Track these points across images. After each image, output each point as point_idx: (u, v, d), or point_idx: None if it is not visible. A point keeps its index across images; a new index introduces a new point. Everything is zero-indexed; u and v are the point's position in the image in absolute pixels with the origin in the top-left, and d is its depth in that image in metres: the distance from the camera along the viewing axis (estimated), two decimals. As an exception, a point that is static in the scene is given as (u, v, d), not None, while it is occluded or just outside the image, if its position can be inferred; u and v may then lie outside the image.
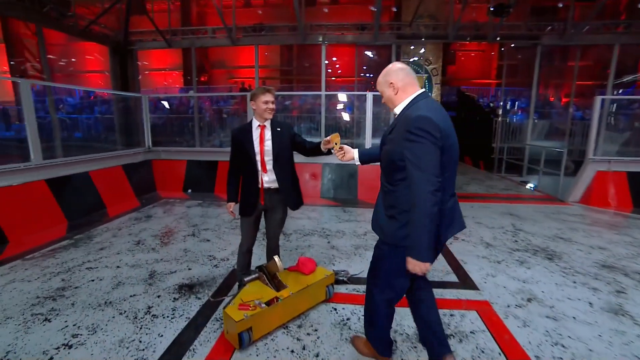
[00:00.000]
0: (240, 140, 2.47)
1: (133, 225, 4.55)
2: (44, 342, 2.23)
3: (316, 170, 6.33)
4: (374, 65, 10.63)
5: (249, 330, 2.14)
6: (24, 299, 2.76)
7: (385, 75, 1.71)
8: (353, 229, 4.46)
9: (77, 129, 9.49)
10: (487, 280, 3.07)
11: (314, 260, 2.77)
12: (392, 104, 1.73)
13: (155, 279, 3.07)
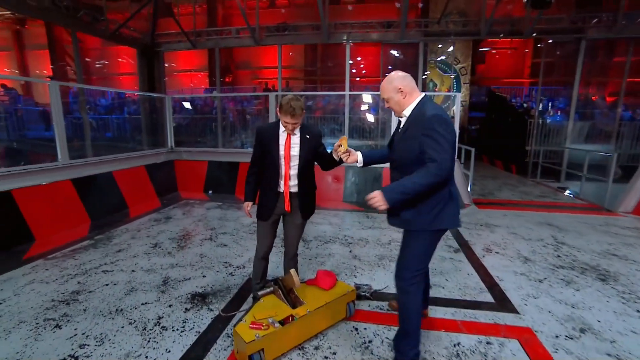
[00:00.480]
0: (266, 141, 2.32)
1: (152, 226, 4.50)
2: (51, 352, 2.13)
3: (339, 173, 6.08)
4: (400, 65, 10.25)
5: (260, 351, 1.94)
6: (40, 301, 2.71)
7: (391, 82, 1.89)
8: (377, 237, 4.18)
9: (107, 129, 9.76)
10: (528, 302, 2.71)
11: (334, 274, 2.54)
12: (400, 108, 1.92)
13: (169, 285, 2.94)
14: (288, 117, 2.16)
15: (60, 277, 3.10)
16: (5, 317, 2.51)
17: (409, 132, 1.86)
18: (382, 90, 1.94)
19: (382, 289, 2.90)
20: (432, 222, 1.83)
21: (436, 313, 2.55)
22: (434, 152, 1.70)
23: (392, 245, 3.90)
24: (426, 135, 1.73)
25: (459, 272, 3.26)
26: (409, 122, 1.87)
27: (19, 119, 9.23)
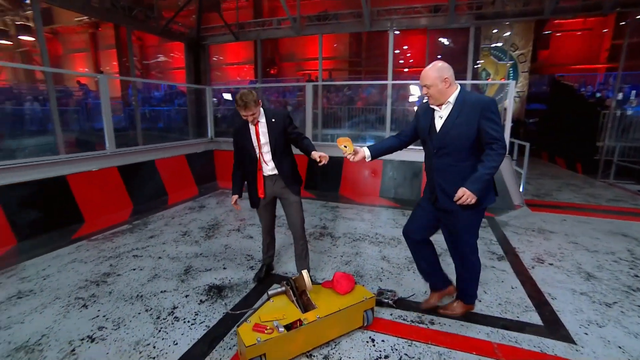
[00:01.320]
0: (239, 137, 2.60)
1: (186, 214, 4.62)
2: (74, 331, 2.21)
3: (376, 166, 5.77)
4: (448, 53, 9.46)
5: (262, 356, 1.80)
6: (76, 280, 2.86)
7: (438, 71, 1.97)
8: (397, 235, 3.84)
9: (159, 120, 10.37)
10: (589, 331, 2.24)
11: (352, 278, 2.31)
12: (443, 97, 2.00)
13: (189, 275, 2.94)
14: (242, 110, 2.37)
15: (97, 258, 3.26)
16: (45, 292, 2.68)
17: (460, 118, 1.97)
18: (426, 77, 2.00)
19: (408, 296, 2.61)
20: (491, 197, 2.06)
21: (467, 330, 2.22)
22: (495, 132, 1.89)
23: (426, 248, 3.55)
24: (486, 119, 1.90)
25: (501, 283, 2.84)
26: (459, 109, 1.98)
27: (88, 111, 10.18)
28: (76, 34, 15.43)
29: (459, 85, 2.01)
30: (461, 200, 1.87)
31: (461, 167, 2.00)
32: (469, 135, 1.94)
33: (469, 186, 1.86)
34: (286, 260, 3.27)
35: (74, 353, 2.01)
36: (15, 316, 2.37)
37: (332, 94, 9.85)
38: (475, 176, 1.88)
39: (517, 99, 9.96)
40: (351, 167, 5.87)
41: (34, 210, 3.80)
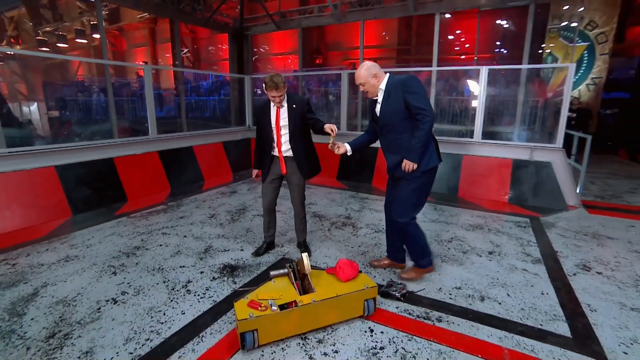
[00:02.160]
0: (259, 116, 2.85)
1: (217, 199, 4.92)
2: (102, 293, 2.52)
3: (410, 158, 5.58)
4: (503, 36, 8.66)
5: (254, 332, 1.90)
6: (111, 250, 3.24)
7: (368, 70, 2.37)
8: (437, 232, 3.71)
9: (206, 109, 11.06)
10: (630, 351, 1.99)
11: (356, 266, 2.32)
12: (375, 89, 2.42)
13: (208, 254, 3.16)
14: (273, 91, 2.57)
15: (132, 233, 3.64)
16: (87, 258, 3.08)
17: (391, 98, 2.35)
18: (359, 77, 2.39)
19: (417, 291, 2.54)
20: (427, 163, 2.35)
21: (477, 332, 2.11)
22: (418, 102, 2.23)
23: (452, 244, 3.40)
24: (408, 92, 2.26)
25: (530, 288, 2.63)
26: (388, 92, 2.37)
27: (143, 101, 11.22)
28: (137, 29, 16.96)
29: (387, 74, 2.41)
30: (406, 169, 2.33)
31: (402, 139, 2.37)
32: (400, 110, 2.32)
33: (407, 157, 2.31)
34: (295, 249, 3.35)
35: (99, 311, 2.30)
36: (61, 275, 2.76)
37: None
38: (410, 148, 2.30)
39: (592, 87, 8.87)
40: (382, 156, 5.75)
41: (87, 188, 4.35)
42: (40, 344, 1.99)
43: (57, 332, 2.09)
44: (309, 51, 15.66)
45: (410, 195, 2.42)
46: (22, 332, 2.10)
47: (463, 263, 3.01)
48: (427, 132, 2.23)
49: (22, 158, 3.88)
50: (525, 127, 7.30)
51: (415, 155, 2.27)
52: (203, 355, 1.90)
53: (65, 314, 2.27)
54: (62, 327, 2.14)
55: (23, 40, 18.23)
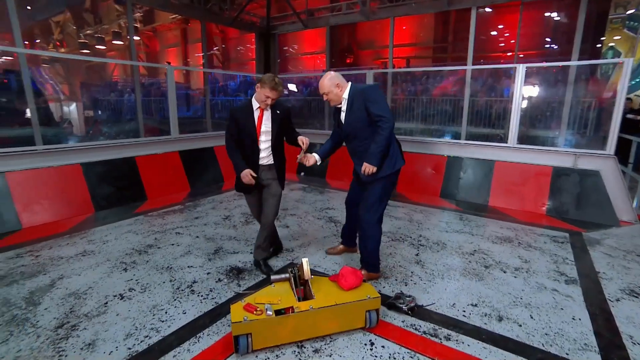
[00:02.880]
0: (241, 119, 2.69)
1: (234, 200, 5.08)
2: (111, 288, 2.70)
3: (440, 162, 5.45)
4: (553, 30, 8.18)
5: (248, 335, 1.95)
6: (125, 247, 3.45)
7: (331, 80, 2.59)
8: (459, 244, 3.59)
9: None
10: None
11: (360, 274, 2.31)
12: (338, 98, 2.64)
13: (217, 255, 3.28)
14: (272, 92, 2.54)
15: (147, 231, 3.86)
16: (102, 254, 3.30)
17: (354, 106, 2.58)
18: (323, 87, 2.60)
19: (427, 305, 2.48)
20: (392, 165, 2.59)
21: (489, 354, 2.01)
22: (378, 110, 2.46)
23: (474, 257, 3.27)
24: (368, 101, 2.48)
25: (559, 311, 2.47)
26: (351, 101, 2.59)
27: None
28: (170, 30, 17.92)
29: (349, 83, 2.63)
30: (365, 172, 2.52)
31: (365, 145, 2.58)
32: (362, 118, 2.53)
33: (367, 161, 2.51)
34: (313, 251, 3.38)
35: (106, 305, 2.46)
36: (76, 269, 2.99)
37: (406, 83, 9.53)
38: (369, 152, 2.50)
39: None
40: (411, 163, 5.65)
41: (109, 186, 4.67)
42: (49, 333, 2.17)
43: (65, 323, 2.27)
44: (339, 50, 15.72)
45: (379, 197, 2.64)
46: (35, 320, 2.30)
47: (483, 278, 2.89)
48: (386, 137, 2.46)
49: (52, 155, 4.25)
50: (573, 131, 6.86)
51: (374, 159, 2.49)
52: (197, 356, 1.97)
53: (75, 306, 2.46)
54: (70, 318, 2.32)
55: (67, 44, 19.95)
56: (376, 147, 2.47)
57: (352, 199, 3.00)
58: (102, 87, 12.06)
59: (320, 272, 2.99)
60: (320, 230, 3.94)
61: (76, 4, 16.82)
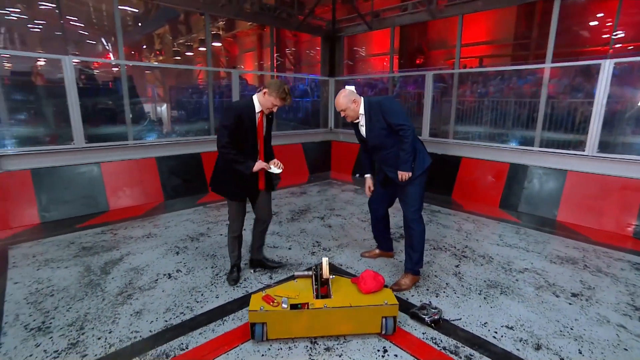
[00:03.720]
0: (245, 121, 2.49)
1: (285, 197, 5.31)
2: (163, 268, 3.06)
3: (502, 170, 5.02)
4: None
5: (263, 325, 2.07)
6: (181, 234, 3.86)
7: (347, 97, 2.65)
8: (509, 260, 3.28)
9: (298, 111, 11.87)
10: None
11: (381, 279, 2.28)
12: (355, 114, 2.72)
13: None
14: (279, 100, 2.45)
15: (202, 221, 4.26)
16: (162, 237, 3.75)
17: (372, 120, 2.68)
18: (340, 104, 2.67)
19: (452, 319, 2.33)
20: (422, 165, 2.69)
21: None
22: (397, 120, 2.57)
23: (523, 276, 2.97)
24: (386, 113, 2.60)
25: (621, 352, 2.12)
26: (368, 115, 2.69)
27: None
28: (248, 36, 19.23)
29: (362, 98, 2.70)
30: (402, 179, 2.64)
31: (392, 152, 2.69)
32: (383, 129, 2.64)
33: (401, 168, 2.63)
34: (349, 253, 3.40)
35: (156, 281, 2.81)
36: (140, 248, 3.45)
37: (477, 84, 8.88)
38: (400, 160, 2.62)
39: None
40: (470, 169, 5.30)
41: (177, 178, 5.24)
42: (112, 298, 2.56)
43: (124, 292, 2.65)
44: (408, 51, 15.26)
45: (418, 196, 2.74)
46: (104, 286, 2.73)
47: (528, 300, 2.61)
48: (411, 144, 2.56)
49: (137, 149, 4.93)
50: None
51: (406, 165, 2.60)
52: (219, 337, 2.16)
53: (133, 279, 2.85)
54: (128, 289, 2.70)
55: (165, 52, 22.74)
56: (405, 155, 2.59)
57: (376, 199, 3.08)
58: (185, 90, 13.42)
59: (350, 273, 3.00)
60: (362, 233, 3.92)
61: (173, 18, 18.93)
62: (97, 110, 6.32)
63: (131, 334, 2.19)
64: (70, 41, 18.35)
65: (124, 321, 2.31)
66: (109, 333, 2.19)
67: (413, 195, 2.73)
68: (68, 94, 4.24)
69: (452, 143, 5.73)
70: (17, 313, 2.40)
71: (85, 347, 2.07)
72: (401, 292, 2.70)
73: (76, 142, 4.38)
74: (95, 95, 7.18)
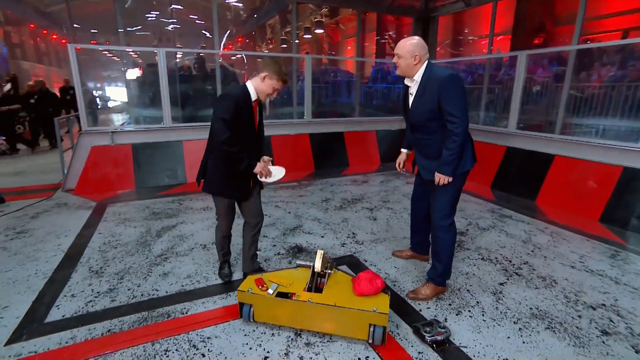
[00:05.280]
0: (244, 111, 2.21)
1: (345, 185, 5.20)
2: (202, 239, 3.35)
3: (610, 173, 3.92)
4: None
5: (250, 306, 2.09)
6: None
7: (412, 46, 2.17)
8: (581, 289, 2.58)
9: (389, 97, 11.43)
10: None
11: (378, 284, 2.05)
12: (410, 72, 2.23)
13: (293, 232, 3.52)
14: (281, 83, 2.23)
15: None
16: (212, 211, 4.08)
17: (425, 96, 2.20)
18: (401, 47, 2.20)
19: (458, 345, 1.96)
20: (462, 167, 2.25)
21: None
22: (453, 108, 2.10)
23: (596, 313, 2.30)
24: (443, 94, 2.11)
25: None
26: (423, 86, 2.21)
27: (335, 88, 12.83)
28: (350, 22, 19.13)
29: (426, 61, 2.21)
30: (439, 184, 2.24)
31: (432, 139, 2.28)
32: (433, 110, 2.17)
33: (440, 170, 2.21)
34: (381, 249, 3.17)
35: (191, 250, 3.11)
36: (193, 219, 3.83)
37: (610, 65, 7.06)
38: (442, 160, 2.19)
39: None
40: (565, 170, 4.31)
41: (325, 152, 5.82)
42: (152, 258, 2.95)
43: (163, 254, 3.01)
44: (526, 30, 13.13)
45: (449, 200, 2.34)
46: (152, 247, 3.16)
47: (584, 345, 2.01)
48: (460, 144, 2.13)
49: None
50: None
51: (448, 168, 2.18)
52: (217, 309, 2.28)
53: (176, 245, 3.21)
54: (167, 252, 3.06)
55: (275, 41, 24.41)
56: (449, 155, 2.16)
57: (417, 195, 2.74)
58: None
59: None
60: (406, 230, 3.58)
61: (283, 8, 20.04)
62: (194, 94, 7.18)
63: (152, 291, 2.48)
64: (194, 35, 21.13)
65: (152, 279, 2.63)
66: (137, 287, 2.53)
67: (442, 198, 2.34)
68: (160, 81, 4.92)
69: (544, 138, 4.72)
70: (90, 257, 2.97)
71: (117, 294, 2.44)
72: (418, 301, 2.40)
73: (165, 122, 5.08)
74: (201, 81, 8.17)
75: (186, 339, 2.00)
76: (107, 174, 4.79)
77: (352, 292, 2.08)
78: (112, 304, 2.32)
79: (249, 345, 1.97)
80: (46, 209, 4.08)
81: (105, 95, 12.33)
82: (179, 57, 8.55)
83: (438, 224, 2.38)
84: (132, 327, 2.08)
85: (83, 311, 2.22)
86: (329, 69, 15.28)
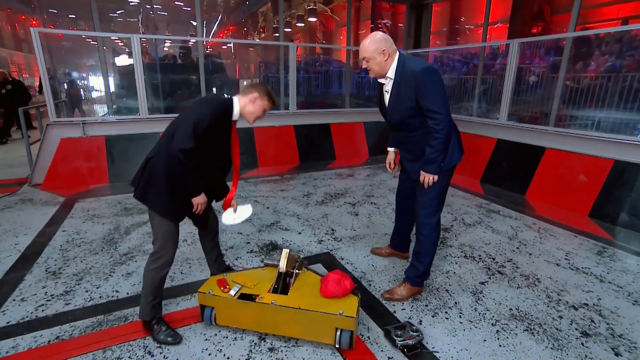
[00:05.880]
0: (223, 129, 1.97)
1: (329, 179, 5.11)
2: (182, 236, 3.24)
3: (601, 168, 3.86)
4: None
5: (212, 309, 2.00)
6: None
7: (375, 43, 2.04)
8: (563, 287, 2.52)
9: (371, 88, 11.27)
10: None
11: (347, 285, 1.97)
12: (382, 70, 2.09)
13: (269, 228, 3.43)
14: (271, 104, 2.07)
15: (235, 196, 4.39)
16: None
17: (400, 93, 2.09)
18: (364, 50, 2.07)
19: (431, 350, 1.89)
20: (449, 162, 2.16)
21: None
22: (432, 104, 1.99)
23: (578, 314, 2.25)
24: (420, 89, 2.00)
25: None
26: (397, 85, 2.09)
27: (327, 78, 12.64)
28: (344, 9, 18.88)
29: (398, 55, 2.09)
30: (425, 183, 2.15)
31: (416, 136, 2.18)
32: (412, 108, 2.07)
33: (425, 169, 2.13)
34: (360, 246, 3.09)
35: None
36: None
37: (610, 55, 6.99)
38: (426, 159, 2.11)
39: None
40: (555, 163, 4.25)
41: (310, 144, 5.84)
42: (117, 257, 2.84)
43: (129, 253, 2.91)
44: (523, 18, 13.06)
45: (436, 197, 2.26)
46: (118, 245, 3.05)
47: (563, 348, 1.95)
48: (443, 140, 2.04)
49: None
50: None
51: (433, 166, 2.10)
52: (178, 312, 2.19)
53: (144, 242, 3.10)
54: (134, 251, 2.95)
55: (267, 29, 24.04)
56: (433, 153, 2.06)
57: (402, 191, 2.66)
58: (272, 66, 13.95)
59: (347, 270, 2.72)
60: (388, 227, 3.51)
61: (276, -5, 19.70)
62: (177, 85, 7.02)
63: (112, 292, 2.39)
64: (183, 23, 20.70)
65: (114, 280, 2.53)
66: (97, 288, 2.43)
67: (429, 195, 2.23)
68: (135, 69, 4.75)
69: (536, 130, 4.65)
70: (49, 257, 2.86)
71: (72, 296, 2.34)
72: (393, 302, 2.33)
73: (141, 113, 4.93)
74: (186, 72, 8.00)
75: (142, 345, 1.91)
76: (78, 168, 4.64)
77: (318, 293, 2.00)
78: (65, 307, 2.21)
79: (209, 350, 1.89)
80: (8, 205, 3.94)
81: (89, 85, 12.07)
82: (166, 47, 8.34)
83: (423, 221, 2.30)
84: (83, 333, 1.98)
85: (32, 316, 2.12)
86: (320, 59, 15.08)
